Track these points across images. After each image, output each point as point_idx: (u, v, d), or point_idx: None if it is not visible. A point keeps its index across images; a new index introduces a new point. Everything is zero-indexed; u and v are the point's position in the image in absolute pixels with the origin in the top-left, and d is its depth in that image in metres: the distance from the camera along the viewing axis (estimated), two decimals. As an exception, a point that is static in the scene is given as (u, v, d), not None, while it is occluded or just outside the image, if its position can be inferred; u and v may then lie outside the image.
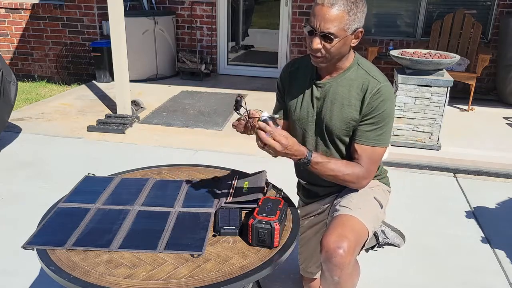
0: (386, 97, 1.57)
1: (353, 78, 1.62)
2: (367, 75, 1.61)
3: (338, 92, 1.63)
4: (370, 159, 1.61)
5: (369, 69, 1.63)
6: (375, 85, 1.58)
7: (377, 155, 1.62)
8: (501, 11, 5.31)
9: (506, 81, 4.99)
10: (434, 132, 3.66)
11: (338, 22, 1.46)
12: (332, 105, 1.63)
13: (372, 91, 1.57)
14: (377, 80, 1.59)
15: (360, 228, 1.54)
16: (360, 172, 1.60)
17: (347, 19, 1.47)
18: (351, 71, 1.63)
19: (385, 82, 1.59)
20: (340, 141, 1.67)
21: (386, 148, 1.63)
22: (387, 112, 1.58)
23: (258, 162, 3.60)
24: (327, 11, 1.45)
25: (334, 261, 1.42)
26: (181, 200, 1.67)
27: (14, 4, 5.86)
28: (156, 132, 4.05)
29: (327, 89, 1.65)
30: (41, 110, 4.61)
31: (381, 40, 5.63)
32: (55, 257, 1.34)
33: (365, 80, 1.60)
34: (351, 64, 1.63)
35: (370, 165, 1.61)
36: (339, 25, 1.46)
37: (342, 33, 1.48)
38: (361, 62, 1.65)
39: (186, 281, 1.25)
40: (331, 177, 1.59)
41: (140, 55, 5.54)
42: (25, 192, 2.98)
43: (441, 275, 2.25)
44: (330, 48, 1.51)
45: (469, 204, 2.96)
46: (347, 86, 1.62)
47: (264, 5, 6.56)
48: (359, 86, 1.60)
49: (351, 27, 1.49)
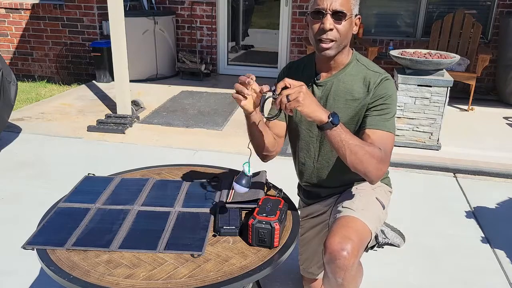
0: (389, 86, 1.59)
1: (353, 74, 1.63)
2: (367, 70, 1.62)
3: (340, 88, 1.63)
4: (384, 144, 1.53)
5: (369, 64, 1.65)
6: (377, 77, 1.59)
7: (389, 141, 1.55)
8: (501, 11, 5.31)
9: (506, 81, 4.99)
10: (434, 132, 3.66)
11: (346, 1, 1.50)
12: (336, 102, 1.63)
13: (376, 82, 1.59)
14: (378, 73, 1.61)
15: (363, 230, 1.54)
16: (379, 153, 1.48)
17: (352, 0, 1.52)
18: (350, 67, 1.64)
19: (385, 74, 1.62)
20: None
21: (394, 137, 1.59)
22: (392, 98, 1.59)
23: (258, 162, 3.60)
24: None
25: (338, 263, 1.42)
26: (181, 200, 1.67)
27: (14, 4, 5.86)
28: (156, 132, 4.05)
29: (328, 87, 1.65)
30: (41, 110, 4.61)
31: (381, 40, 5.63)
32: (55, 257, 1.34)
33: (366, 75, 1.61)
34: (350, 60, 1.65)
35: (385, 146, 1.53)
36: (347, 4, 1.50)
37: (349, 13, 1.52)
38: (360, 58, 1.67)
39: (186, 281, 1.25)
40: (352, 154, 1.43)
41: (140, 55, 5.54)
42: (25, 192, 2.98)
43: (441, 275, 2.25)
44: (340, 29, 1.51)
45: (469, 204, 2.96)
46: (349, 81, 1.62)
47: (264, 5, 6.56)
48: (361, 80, 1.61)
49: (354, 10, 1.54)
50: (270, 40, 6.21)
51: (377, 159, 1.47)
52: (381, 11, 5.70)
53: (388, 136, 1.56)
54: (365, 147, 1.45)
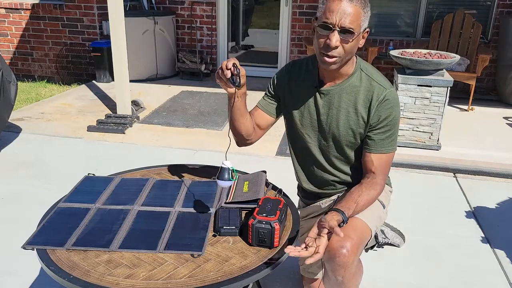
0: (394, 104, 1.58)
1: (357, 85, 1.61)
2: (372, 81, 1.60)
3: (343, 99, 1.62)
4: (386, 165, 1.63)
5: (372, 74, 1.62)
6: (381, 92, 1.58)
7: (391, 159, 1.65)
8: (501, 11, 5.31)
9: (506, 81, 4.99)
10: (434, 132, 3.66)
11: (356, 18, 1.44)
12: (338, 112, 1.63)
13: (379, 99, 1.57)
14: (383, 87, 1.59)
15: (363, 228, 1.54)
16: (380, 185, 1.62)
17: (362, 15, 1.46)
18: (354, 77, 1.61)
19: (390, 88, 1.59)
20: (348, 147, 1.67)
21: (395, 150, 1.66)
22: (395, 118, 1.60)
23: (258, 162, 3.61)
24: (347, 6, 1.42)
25: (337, 260, 1.42)
26: (181, 200, 1.67)
27: (14, 4, 5.86)
28: (156, 132, 4.05)
29: (332, 96, 1.63)
30: (41, 110, 4.61)
31: (381, 40, 5.63)
32: (55, 257, 1.34)
33: (370, 87, 1.59)
34: (354, 70, 1.62)
35: (386, 171, 1.65)
36: (357, 20, 1.45)
37: (358, 29, 1.47)
38: (364, 67, 1.64)
39: (186, 281, 1.25)
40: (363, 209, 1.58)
41: (140, 55, 5.54)
42: (25, 192, 2.98)
43: (441, 275, 2.25)
44: (348, 45, 1.47)
45: (469, 204, 2.96)
46: (352, 93, 1.61)
47: (264, 5, 6.56)
48: (365, 93, 1.59)
49: (363, 25, 1.49)
50: (270, 40, 6.21)
51: (379, 193, 1.62)
52: (381, 11, 5.70)
53: (390, 156, 1.63)
54: (369, 199, 1.58)
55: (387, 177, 1.65)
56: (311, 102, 1.68)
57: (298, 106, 1.71)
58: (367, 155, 1.63)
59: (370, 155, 1.62)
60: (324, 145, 1.71)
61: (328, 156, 1.72)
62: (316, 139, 1.71)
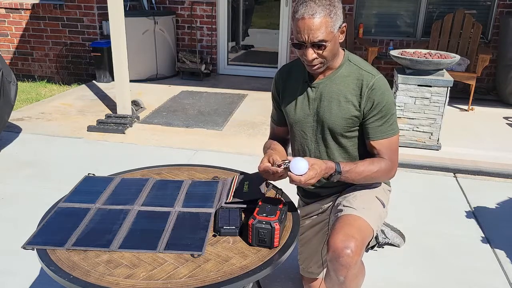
0: (384, 89, 1.61)
1: (346, 75, 1.65)
2: (360, 70, 1.64)
3: (333, 90, 1.65)
4: (390, 150, 1.64)
5: (360, 64, 1.66)
6: (370, 79, 1.61)
7: (394, 144, 1.66)
8: (501, 11, 5.31)
9: (506, 81, 4.99)
10: (434, 132, 3.66)
11: (324, 28, 1.49)
12: (330, 103, 1.65)
13: (368, 85, 1.60)
14: (371, 74, 1.62)
15: (366, 228, 1.55)
16: (386, 165, 1.63)
17: (330, 22, 1.50)
18: (343, 68, 1.65)
19: (378, 74, 1.63)
20: (343, 137, 1.68)
21: (398, 135, 1.67)
22: (389, 102, 1.61)
23: (258, 162, 3.59)
24: (311, 22, 1.47)
25: (341, 260, 1.43)
26: (181, 200, 1.67)
27: (14, 4, 5.86)
28: (156, 132, 4.05)
29: (322, 88, 1.67)
30: (41, 110, 4.61)
31: (381, 40, 5.63)
32: (55, 257, 1.34)
33: (359, 75, 1.63)
34: (343, 62, 1.66)
35: (392, 156, 1.65)
36: (326, 29, 1.49)
37: (330, 36, 1.51)
38: (352, 58, 1.68)
39: (186, 281, 1.25)
40: (362, 179, 1.62)
41: (140, 55, 5.54)
42: (25, 192, 2.98)
43: (441, 275, 2.25)
44: (324, 53, 1.54)
45: (469, 204, 2.96)
46: (342, 83, 1.64)
47: (264, 5, 6.56)
48: (354, 81, 1.63)
49: (335, 27, 1.53)
50: (270, 40, 6.21)
51: (384, 171, 1.63)
52: (381, 11, 5.70)
53: (392, 140, 1.64)
54: (372, 170, 1.60)
55: (396, 158, 1.67)
56: (303, 97, 1.71)
57: (292, 103, 1.75)
58: (369, 143, 1.66)
59: (372, 143, 1.65)
60: (320, 139, 1.72)
61: (325, 151, 1.72)
62: (312, 134, 1.73)
